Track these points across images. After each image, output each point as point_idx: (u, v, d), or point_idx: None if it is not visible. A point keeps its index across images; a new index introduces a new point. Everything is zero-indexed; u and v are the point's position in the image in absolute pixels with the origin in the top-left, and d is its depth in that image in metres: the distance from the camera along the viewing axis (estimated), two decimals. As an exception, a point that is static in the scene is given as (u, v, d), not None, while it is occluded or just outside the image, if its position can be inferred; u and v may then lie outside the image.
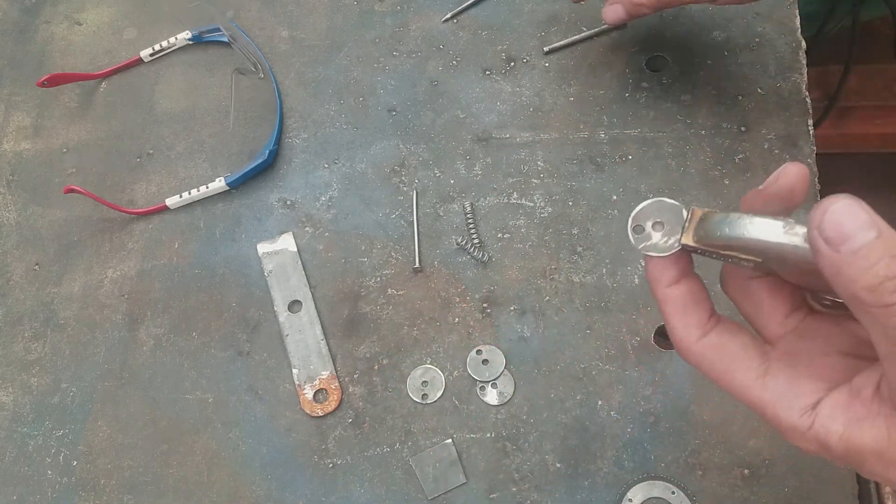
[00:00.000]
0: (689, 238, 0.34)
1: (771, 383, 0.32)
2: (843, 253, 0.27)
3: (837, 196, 0.28)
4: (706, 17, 0.64)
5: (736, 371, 0.33)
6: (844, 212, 0.28)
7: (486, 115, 0.64)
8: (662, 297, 0.36)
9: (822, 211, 0.28)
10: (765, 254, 0.31)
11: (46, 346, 0.61)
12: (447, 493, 0.53)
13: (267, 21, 0.70)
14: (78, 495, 0.57)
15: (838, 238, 0.27)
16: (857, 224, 0.27)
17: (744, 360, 0.34)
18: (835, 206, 0.28)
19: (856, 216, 0.27)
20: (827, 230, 0.28)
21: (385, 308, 0.59)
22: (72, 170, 0.68)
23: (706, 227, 0.33)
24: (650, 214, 0.36)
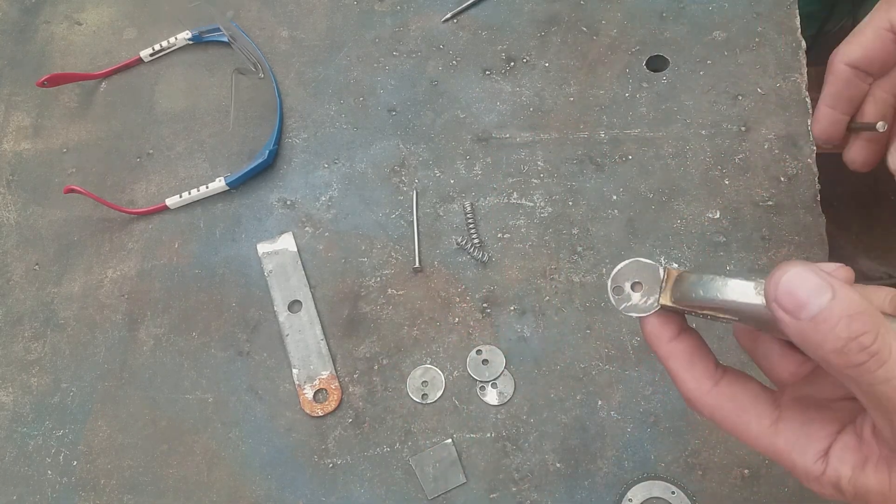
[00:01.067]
0: (666, 298, 0.35)
1: (784, 430, 0.33)
2: (803, 320, 0.28)
3: (788, 264, 0.29)
4: (706, 17, 0.64)
5: (750, 421, 0.34)
6: (796, 280, 0.28)
7: (486, 115, 0.64)
8: (666, 354, 0.36)
9: (774, 283, 0.29)
10: (739, 314, 0.32)
11: (46, 346, 0.61)
12: (447, 493, 0.53)
13: (267, 21, 0.70)
14: (78, 495, 0.57)
15: (794, 307, 0.28)
16: (810, 289, 0.28)
17: (756, 408, 0.34)
18: (786, 277, 0.28)
19: (807, 282, 0.28)
20: (782, 301, 0.28)
21: (385, 308, 0.59)
22: (72, 170, 0.68)
23: (682, 289, 0.34)
24: (628, 275, 0.36)
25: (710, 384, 0.35)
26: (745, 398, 0.34)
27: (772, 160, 0.59)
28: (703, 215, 0.58)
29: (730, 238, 0.57)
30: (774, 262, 0.56)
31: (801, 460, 0.32)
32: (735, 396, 0.34)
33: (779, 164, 0.58)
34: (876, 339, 0.27)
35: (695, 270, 0.35)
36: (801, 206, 0.57)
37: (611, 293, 0.37)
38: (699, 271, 0.34)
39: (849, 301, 0.27)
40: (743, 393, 0.34)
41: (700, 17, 0.64)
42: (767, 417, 0.33)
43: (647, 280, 0.36)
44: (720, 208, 0.58)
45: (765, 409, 0.34)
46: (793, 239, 0.56)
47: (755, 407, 0.34)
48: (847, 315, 0.27)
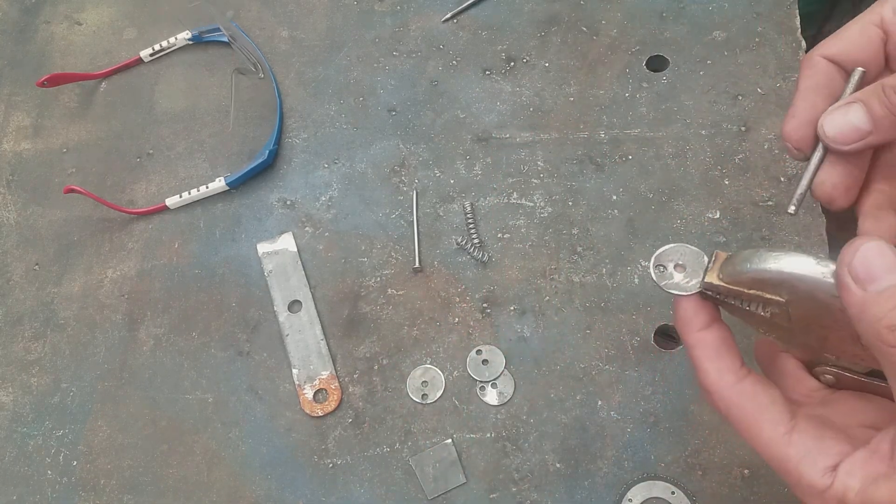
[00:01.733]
0: (713, 276, 0.35)
1: (796, 441, 0.32)
2: (869, 292, 0.28)
3: (869, 237, 0.29)
4: (706, 17, 0.64)
5: (765, 423, 0.33)
6: (875, 253, 0.29)
7: (486, 115, 0.64)
8: (694, 342, 0.36)
9: (853, 249, 0.29)
10: (793, 289, 0.31)
11: (46, 346, 0.61)
12: (447, 493, 0.53)
13: (267, 21, 0.70)
14: (78, 495, 0.57)
15: (866, 277, 0.28)
16: (886, 266, 0.28)
17: (773, 413, 0.34)
18: (866, 246, 0.29)
19: (885, 258, 0.28)
20: (856, 268, 0.29)
21: (385, 308, 0.59)
22: (72, 170, 0.68)
23: (733, 264, 0.34)
24: (673, 256, 0.37)
25: (732, 379, 0.35)
26: (764, 400, 0.34)
27: (772, 160, 0.59)
28: (703, 215, 0.58)
29: (730, 238, 0.57)
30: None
31: (808, 472, 0.32)
32: (755, 396, 0.34)
33: (779, 164, 0.58)
34: None
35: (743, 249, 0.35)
36: (801, 206, 0.57)
37: (652, 269, 0.37)
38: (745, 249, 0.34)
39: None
40: (763, 395, 0.34)
41: (700, 17, 0.64)
42: (783, 425, 0.33)
43: (690, 264, 0.36)
44: (720, 208, 0.58)
45: (782, 416, 0.33)
46: (793, 239, 0.56)
47: (772, 412, 0.34)
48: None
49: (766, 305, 0.33)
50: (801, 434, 0.33)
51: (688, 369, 0.54)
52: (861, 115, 0.35)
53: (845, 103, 0.35)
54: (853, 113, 0.35)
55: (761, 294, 0.33)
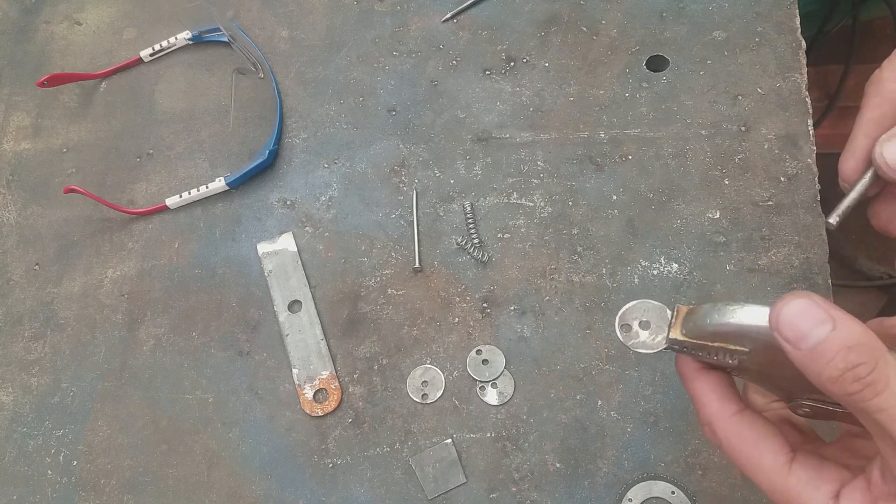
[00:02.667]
0: (676, 332, 0.35)
1: (797, 470, 0.33)
2: (803, 350, 0.28)
3: (793, 295, 0.29)
4: (706, 17, 0.64)
5: (765, 454, 0.34)
6: (798, 311, 0.29)
7: (486, 115, 0.64)
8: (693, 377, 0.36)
9: (776, 314, 0.29)
10: (753, 340, 0.32)
11: (46, 346, 0.61)
12: (447, 493, 0.53)
13: (267, 21, 0.70)
14: (78, 495, 0.57)
15: (795, 337, 0.29)
16: (812, 321, 0.28)
17: (773, 443, 0.34)
18: (788, 308, 0.29)
19: (809, 314, 0.28)
20: (783, 331, 0.29)
21: (385, 308, 0.59)
22: (72, 170, 0.68)
23: (694, 319, 0.34)
24: (636, 313, 0.37)
25: (734, 409, 0.35)
26: (764, 431, 0.34)
27: (772, 160, 0.59)
28: (703, 215, 0.58)
29: (730, 238, 0.57)
30: (774, 262, 0.56)
31: (811, 499, 0.32)
32: (755, 427, 0.34)
33: (779, 164, 0.58)
34: (873, 370, 0.27)
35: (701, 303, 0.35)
36: (801, 206, 0.57)
37: (618, 331, 0.37)
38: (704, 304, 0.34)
39: (849, 332, 0.28)
40: (764, 426, 0.34)
41: (700, 17, 0.64)
42: (784, 455, 0.33)
43: (654, 319, 0.37)
44: (720, 208, 0.58)
45: (782, 447, 0.34)
46: (793, 239, 0.56)
47: (772, 442, 0.34)
48: (846, 346, 0.28)
49: (732, 355, 0.33)
50: (802, 464, 0.33)
51: (688, 369, 0.54)
52: None
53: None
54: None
55: (725, 346, 0.33)
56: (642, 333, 0.37)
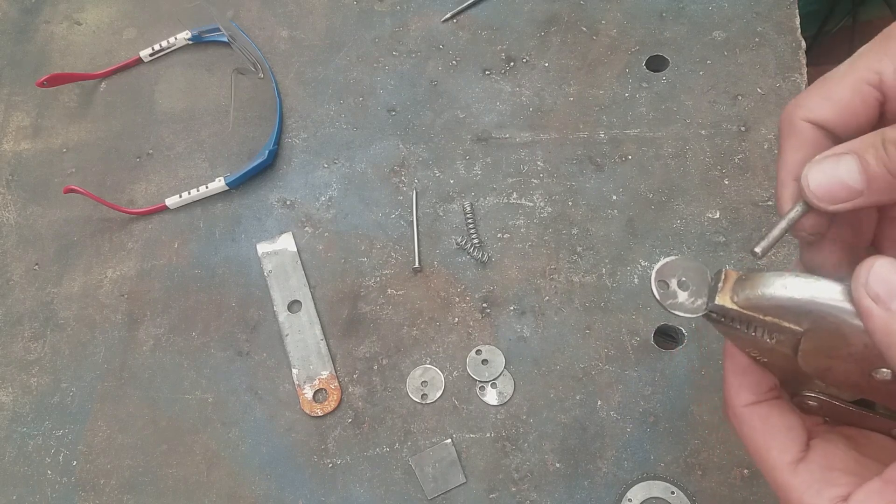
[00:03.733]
0: (725, 299, 0.32)
1: (803, 471, 0.32)
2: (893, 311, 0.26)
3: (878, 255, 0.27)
4: (706, 17, 0.64)
5: (772, 448, 0.32)
6: (890, 267, 0.26)
7: (485, 115, 0.64)
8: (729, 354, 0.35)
9: (866, 268, 0.27)
10: (817, 320, 0.29)
11: (46, 346, 0.61)
12: (447, 493, 0.53)
13: (267, 21, 0.70)
14: (78, 495, 0.57)
15: (888, 293, 0.26)
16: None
17: (784, 440, 0.33)
18: (879, 262, 0.26)
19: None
20: (874, 286, 0.26)
21: (385, 308, 0.59)
22: (72, 170, 0.68)
23: (752, 287, 0.31)
24: (675, 271, 0.34)
25: (750, 398, 0.34)
26: (777, 425, 0.33)
27: (772, 160, 0.58)
28: (702, 215, 0.58)
29: (730, 238, 0.57)
30: (774, 262, 0.56)
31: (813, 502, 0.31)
32: (768, 420, 0.33)
33: (778, 164, 0.58)
34: None
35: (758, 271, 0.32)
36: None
37: (654, 287, 0.33)
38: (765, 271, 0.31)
39: None
40: (778, 420, 0.33)
41: (700, 17, 0.64)
42: (791, 454, 0.32)
43: (694, 281, 0.33)
44: (720, 208, 0.58)
45: (793, 445, 0.32)
46: (792, 239, 0.56)
47: (784, 439, 0.33)
48: None
49: (776, 332, 0.31)
50: (810, 465, 0.32)
51: (688, 369, 0.54)
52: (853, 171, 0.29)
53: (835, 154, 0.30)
54: (844, 166, 0.29)
55: (778, 322, 0.30)
56: (681, 294, 0.33)
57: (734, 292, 0.32)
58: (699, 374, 0.54)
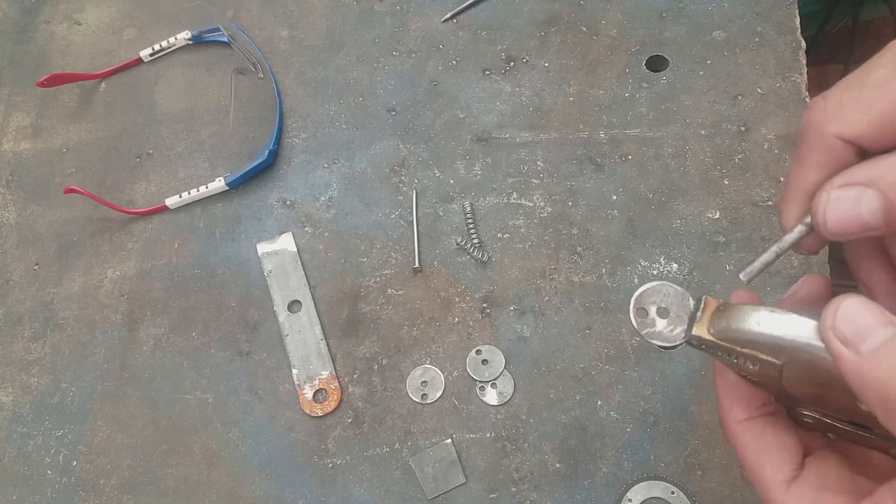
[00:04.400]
0: (702, 329, 0.31)
1: (796, 491, 0.31)
2: (863, 354, 0.25)
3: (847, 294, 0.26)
4: (706, 17, 0.64)
5: (766, 466, 0.32)
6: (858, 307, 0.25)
7: (485, 115, 0.64)
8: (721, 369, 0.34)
9: (833, 309, 0.26)
10: (793, 355, 0.29)
11: (46, 346, 0.61)
12: (447, 493, 0.53)
13: (267, 21, 0.70)
14: (77, 495, 0.57)
15: (855, 336, 0.25)
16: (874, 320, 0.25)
17: (777, 458, 0.32)
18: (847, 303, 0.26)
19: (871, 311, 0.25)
20: (841, 328, 0.25)
21: (385, 308, 0.59)
22: (72, 170, 0.68)
23: (728, 319, 0.31)
24: (655, 297, 0.33)
25: (742, 415, 0.33)
26: (771, 443, 0.32)
27: (772, 160, 0.59)
28: (702, 215, 0.58)
29: (729, 238, 0.57)
30: (774, 262, 0.56)
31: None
32: (762, 437, 0.33)
33: (779, 164, 0.58)
34: None
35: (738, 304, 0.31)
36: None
37: (633, 315, 0.33)
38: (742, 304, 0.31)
39: None
40: (772, 438, 0.33)
41: (700, 17, 0.64)
42: (784, 473, 0.32)
43: (673, 307, 0.33)
44: (720, 208, 0.58)
45: (786, 464, 0.32)
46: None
47: (777, 457, 0.32)
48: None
49: (759, 363, 0.31)
50: (802, 485, 0.31)
51: (688, 369, 0.54)
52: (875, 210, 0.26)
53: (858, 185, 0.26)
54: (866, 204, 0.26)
55: (755, 354, 0.30)
56: (659, 322, 0.33)
57: (711, 323, 0.31)
58: (699, 374, 0.54)
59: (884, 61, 0.26)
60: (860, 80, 0.27)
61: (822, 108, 0.27)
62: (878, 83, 0.26)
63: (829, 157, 0.28)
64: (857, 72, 0.27)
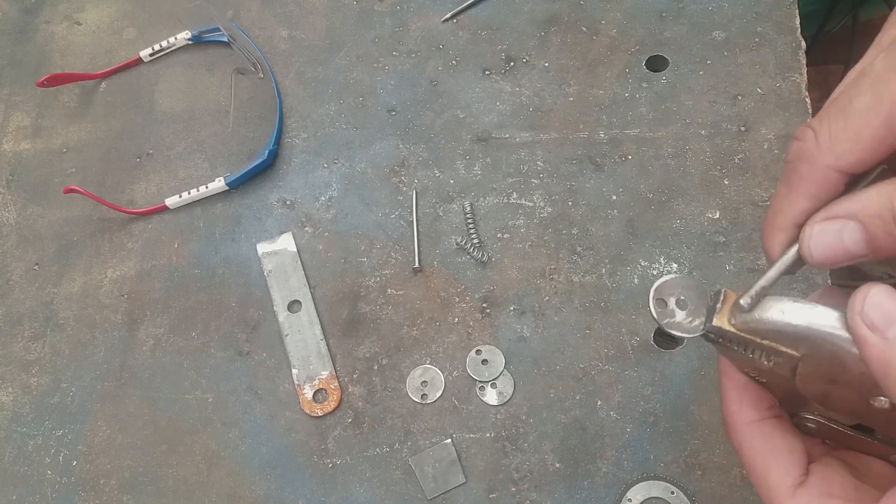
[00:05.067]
0: (723, 321, 0.31)
1: (802, 496, 0.31)
2: (889, 340, 0.25)
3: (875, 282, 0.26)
4: (706, 17, 0.64)
5: (772, 470, 0.32)
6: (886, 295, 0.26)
7: (485, 115, 0.64)
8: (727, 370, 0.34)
9: (861, 296, 0.26)
10: (815, 346, 0.29)
11: (46, 346, 0.61)
12: (447, 493, 0.53)
13: (267, 21, 0.70)
14: (77, 495, 0.57)
15: (883, 321, 0.25)
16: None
17: (786, 463, 0.32)
18: (875, 289, 0.26)
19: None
20: (870, 314, 0.26)
21: (385, 308, 0.59)
22: (72, 170, 0.68)
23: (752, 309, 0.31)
24: (674, 289, 0.33)
25: (752, 416, 0.33)
26: (780, 446, 0.32)
27: (772, 160, 0.59)
28: (702, 215, 0.58)
29: (729, 238, 0.57)
30: (774, 262, 0.56)
31: None
32: (771, 439, 0.32)
33: (779, 164, 0.58)
34: None
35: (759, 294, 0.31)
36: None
37: (652, 305, 0.33)
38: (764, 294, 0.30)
39: None
40: (781, 441, 0.32)
41: (700, 17, 0.64)
42: (792, 477, 0.31)
43: (693, 299, 0.33)
44: (720, 208, 0.58)
45: (794, 468, 0.32)
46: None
47: (785, 462, 0.32)
48: None
49: (773, 355, 0.31)
50: (809, 490, 0.31)
51: (688, 369, 0.54)
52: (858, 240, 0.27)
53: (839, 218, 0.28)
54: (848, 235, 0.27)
55: (775, 346, 0.30)
56: (678, 313, 0.33)
57: (732, 314, 0.31)
58: (699, 374, 0.54)
59: (863, 88, 0.27)
60: (844, 108, 0.27)
61: (814, 140, 0.28)
62: (861, 111, 0.27)
63: (823, 188, 0.28)
64: (839, 100, 0.28)
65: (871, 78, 0.27)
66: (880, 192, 0.27)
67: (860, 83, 0.27)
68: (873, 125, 0.27)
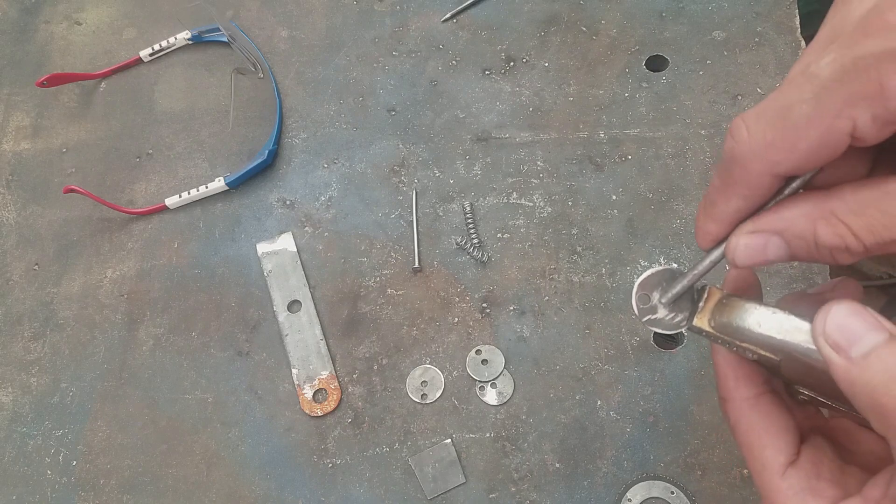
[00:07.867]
0: (703, 321, 0.32)
1: (792, 475, 0.31)
2: (853, 360, 0.25)
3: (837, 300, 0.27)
4: (706, 17, 0.64)
5: (767, 447, 0.32)
6: (847, 313, 0.26)
7: (485, 115, 0.64)
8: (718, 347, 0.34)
9: (823, 315, 0.26)
10: (787, 355, 0.29)
11: (46, 346, 0.61)
12: (446, 493, 0.53)
13: (266, 21, 0.70)
14: (77, 495, 0.57)
15: (846, 341, 0.26)
16: (863, 325, 0.26)
17: (779, 440, 0.32)
18: (836, 308, 0.26)
19: (862, 317, 0.26)
20: (832, 334, 0.26)
21: (384, 308, 0.59)
22: (71, 170, 0.68)
23: (729, 315, 0.31)
24: (658, 283, 0.33)
25: (750, 392, 0.33)
26: (775, 424, 0.32)
27: (771, 160, 0.58)
28: (702, 215, 0.58)
29: (729, 238, 0.57)
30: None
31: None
32: (767, 416, 0.32)
33: (778, 164, 0.58)
34: None
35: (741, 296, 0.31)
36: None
37: (635, 301, 0.33)
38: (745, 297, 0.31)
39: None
40: (776, 419, 0.32)
41: (700, 17, 0.64)
42: (784, 455, 0.32)
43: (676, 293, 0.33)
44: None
45: (787, 446, 0.32)
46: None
47: (779, 439, 0.32)
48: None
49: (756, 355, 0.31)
50: (799, 470, 0.31)
51: (687, 369, 0.54)
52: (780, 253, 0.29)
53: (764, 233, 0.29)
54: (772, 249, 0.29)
55: (754, 349, 0.31)
56: (661, 309, 0.32)
57: (713, 316, 0.32)
58: (699, 374, 0.54)
59: (805, 95, 0.26)
60: (783, 114, 0.27)
61: (747, 143, 0.28)
62: (800, 121, 0.26)
63: (756, 191, 0.29)
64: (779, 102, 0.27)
65: (815, 86, 0.26)
66: (806, 216, 0.28)
67: (803, 87, 0.26)
68: (810, 138, 0.26)
